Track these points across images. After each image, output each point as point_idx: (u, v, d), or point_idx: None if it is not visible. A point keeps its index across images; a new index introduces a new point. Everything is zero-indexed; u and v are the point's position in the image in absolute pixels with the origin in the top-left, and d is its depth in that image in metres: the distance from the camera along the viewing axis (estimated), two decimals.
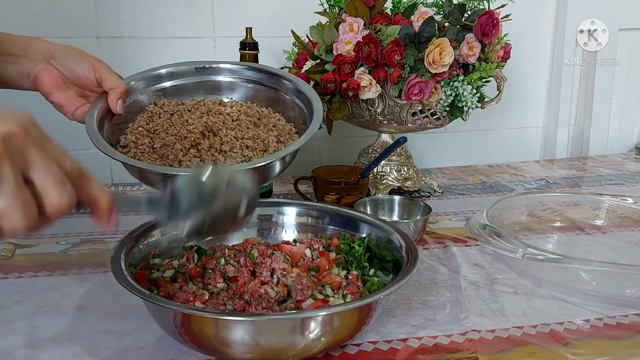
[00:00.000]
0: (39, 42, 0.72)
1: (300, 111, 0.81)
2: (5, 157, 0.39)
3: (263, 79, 0.85)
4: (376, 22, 0.99)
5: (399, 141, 0.99)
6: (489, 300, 0.73)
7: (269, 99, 0.83)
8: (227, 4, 1.25)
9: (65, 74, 0.72)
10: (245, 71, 0.85)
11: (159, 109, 0.79)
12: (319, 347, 0.57)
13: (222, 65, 0.85)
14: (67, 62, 0.72)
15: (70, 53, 0.72)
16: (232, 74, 0.85)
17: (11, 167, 0.39)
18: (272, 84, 0.84)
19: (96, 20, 1.18)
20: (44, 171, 0.41)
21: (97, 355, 0.60)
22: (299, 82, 0.83)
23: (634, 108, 1.65)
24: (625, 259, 0.87)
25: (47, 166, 0.42)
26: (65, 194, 0.43)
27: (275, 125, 0.78)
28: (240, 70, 0.85)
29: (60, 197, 0.42)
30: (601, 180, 1.30)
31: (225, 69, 0.85)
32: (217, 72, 0.85)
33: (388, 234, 0.72)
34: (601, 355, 0.62)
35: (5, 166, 0.39)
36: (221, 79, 0.85)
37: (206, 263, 0.70)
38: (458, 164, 1.45)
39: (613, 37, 1.51)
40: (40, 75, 0.71)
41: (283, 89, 0.83)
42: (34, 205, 0.42)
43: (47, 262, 0.82)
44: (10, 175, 0.39)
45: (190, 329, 0.56)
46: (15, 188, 0.40)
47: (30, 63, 0.72)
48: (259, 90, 0.84)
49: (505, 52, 1.02)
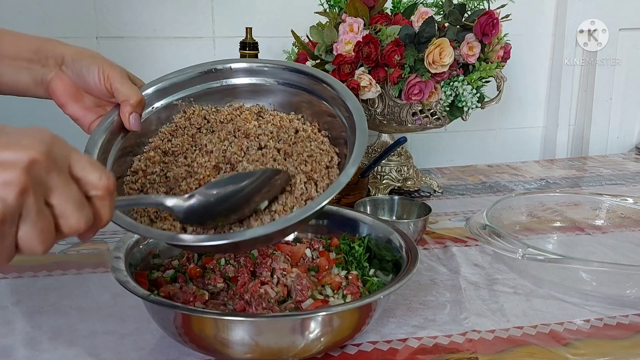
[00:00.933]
0: (52, 44, 0.64)
1: (342, 124, 0.66)
2: (30, 187, 0.39)
3: (304, 83, 0.69)
4: (376, 22, 0.99)
5: (399, 141, 0.99)
6: (489, 301, 0.73)
7: (313, 109, 0.68)
8: (227, 4, 1.25)
9: (76, 81, 0.64)
10: (286, 73, 0.70)
11: (185, 120, 0.67)
12: (319, 347, 0.57)
13: (262, 65, 0.70)
14: (76, 68, 0.63)
15: (80, 57, 0.63)
16: (272, 76, 0.70)
17: (34, 196, 0.39)
18: (315, 90, 0.68)
19: (96, 20, 1.18)
20: (64, 196, 0.41)
21: (97, 356, 0.60)
22: (347, 94, 0.66)
23: (634, 108, 1.65)
24: (625, 259, 0.87)
25: (67, 190, 0.42)
26: (82, 217, 0.43)
27: (312, 155, 0.62)
28: (281, 72, 0.70)
29: (78, 221, 0.43)
30: (601, 180, 1.30)
31: (266, 70, 0.70)
32: (258, 73, 0.70)
33: (388, 234, 0.72)
34: (601, 356, 0.62)
35: (30, 196, 0.39)
36: (258, 81, 0.70)
37: (206, 263, 0.70)
38: (458, 164, 1.45)
39: (613, 37, 1.51)
40: (52, 83, 0.63)
41: (326, 96, 0.68)
42: (52, 230, 0.42)
43: (46, 262, 0.82)
44: (33, 204, 0.39)
45: (190, 329, 0.56)
46: (37, 217, 0.40)
47: (43, 69, 0.64)
48: (301, 95, 0.69)
49: (505, 52, 1.02)
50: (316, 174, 0.60)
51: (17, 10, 1.14)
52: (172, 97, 0.68)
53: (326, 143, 0.65)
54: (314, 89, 0.68)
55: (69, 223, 0.42)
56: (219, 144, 0.64)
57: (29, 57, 0.64)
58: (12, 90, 0.66)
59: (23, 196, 0.38)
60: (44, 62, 0.64)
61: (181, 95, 0.68)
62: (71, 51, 0.63)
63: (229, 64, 0.69)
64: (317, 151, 0.63)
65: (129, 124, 0.62)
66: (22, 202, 0.39)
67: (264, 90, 0.70)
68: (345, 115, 0.65)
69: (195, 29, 1.24)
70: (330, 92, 0.67)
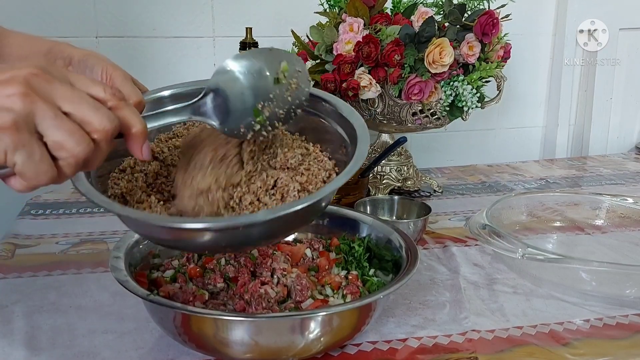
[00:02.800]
0: (61, 47, 0.66)
1: (341, 138, 0.62)
2: (34, 95, 0.40)
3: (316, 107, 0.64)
4: (376, 22, 0.99)
5: (399, 141, 0.99)
6: (489, 300, 0.73)
7: (313, 127, 0.65)
8: (227, 3, 1.25)
9: None
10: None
11: (184, 130, 0.65)
12: (319, 347, 0.57)
13: None
14: (81, 67, 0.64)
15: (86, 58, 0.64)
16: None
17: (44, 101, 0.40)
18: (312, 108, 0.64)
19: (96, 19, 1.18)
20: (75, 100, 0.42)
21: (96, 355, 0.60)
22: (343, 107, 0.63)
23: (634, 108, 1.65)
24: (625, 259, 0.87)
25: (76, 95, 0.42)
26: (104, 117, 0.43)
27: (309, 169, 0.59)
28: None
29: (100, 122, 0.42)
30: (601, 180, 1.30)
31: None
32: None
33: (388, 234, 0.72)
34: (601, 355, 0.62)
35: (38, 102, 0.40)
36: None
37: (206, 263, 0.70)
38: (458, 164, 1.45)
39: (613, 37, 1.51)
40: None
41: (323, 112, 0.65)
42: (83, 132, 0.42)
43: (46, 262, 0.82)
44: (47, 109, 0.40)
45: (189, 329, 0.56)
46: (57, 120, 0.41)
47: None
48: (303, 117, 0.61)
49: (505, 52, 1.02)
50: (311, 186, 0.57)
51: (17, 9, 1.14)
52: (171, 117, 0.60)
53: (327, 162, 0.61)
54: (315, 107, 0.65)
55: (93, 126, 0.42)
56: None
57: (39, 58, 0.65)
58: None
59: (28, 103, 0.39)
60: (52, 63, 0.65)
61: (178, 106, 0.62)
62: (79, 53, 0.65)
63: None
64: (315, 166, 0.60)
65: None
66: (31, 108, 0.40)
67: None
68: (347, 132, 0.62)
69: (195, 28, 1.24)
70: (328, 107, 0.64)
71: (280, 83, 0.55)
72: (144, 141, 0.46)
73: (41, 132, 0.41)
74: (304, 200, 0.52)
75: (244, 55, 0.54)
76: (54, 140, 0.41)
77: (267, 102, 0.54)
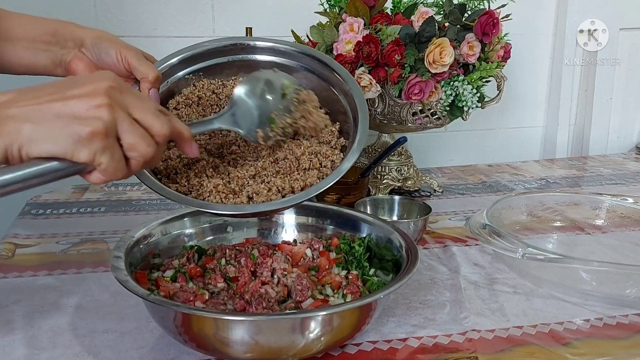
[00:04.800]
0: (69, 27, 0.70)
1: (346, 117, 0.72)
2: (116, 105, 0.48)
3: (316, 67, 0.74)
4: (376, 22, 0.99)
5: (399, 141, 0.99)
6: (489, 300, 0.73)
7: (324, 95, 0.73)
8: (227, 3, 1.25)
9: (96, 62, 0.70)
10: (299, 55, 0.75)
11: (194, 94, 0.73)
12: (319, 347, 0.57)
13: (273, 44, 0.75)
14: (96, 52, 0.69)
15: (99, 41, 0.69)
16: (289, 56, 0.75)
17: (122, 110, 0.48)
18: (325, 77, 0.74)
19: (96, 19, 1.18)
20: (142, 109, 0.50)
21: (97, 354, 0.60)
22: (354, 85, 0.72)
23: (634, 108, 1.65)
24: (625, 259, 0.87)
25: (142, 104, 0.51)
26: (164, 122, 0.52)
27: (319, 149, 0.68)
28: (294, 54, 0.75)
29: (162, 126, 0.51)
30: (601, 180, 1.30)
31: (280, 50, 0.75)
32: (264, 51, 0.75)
33: (388, 234, 0.72)
34: (601, 355, 0.62)
35: (119, 111, 0.48)
36: (273, 59, 0.75)
37: (207, 263, 0.70)
38: (458, 164, 1.45)
39: (613, 37, 1.51)
40: (72, 64, 0.70)
41: (334, 85, 0.73)
42: (149, 137, 0.50)
43: (47, 261, 0.82)
44: (124, 118, 0.49)
45: (190, 328, 0.56)
46: (132, 125, 0.49)
47: (62, 50, 0.70)
48: (313, 81, 0.74)
49: (506, 51, 1.02)
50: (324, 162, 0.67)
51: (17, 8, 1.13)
52: (183, 72, 0.74)
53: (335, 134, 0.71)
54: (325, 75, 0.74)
55: (157, 129, 0.51)
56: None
57: (47, 40, 0.69)
58: (30, 71, 0.72)
59: (113, 112, 0.48)
60: (62, 44, 0.70)
61: (192, 69, 0.75)
62: (90, 34, 0.70)
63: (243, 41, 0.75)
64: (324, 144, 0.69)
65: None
66: (114, 117, 0.48)
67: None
68: (347, 101, 0.71)
69: (195, 28, 1.24)
70: (338, 80, 0.72)
71: (286, 98, 0.67)
72: (192, 142, 0.57)
73: (119, 136, 0.49)
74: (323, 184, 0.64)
75: (254, 76, 0.67)
76: (129, 142, 0.49)
77: (279, 112, 0.66)
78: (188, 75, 0.74)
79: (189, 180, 0.65)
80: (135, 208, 1.06)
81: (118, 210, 1.05)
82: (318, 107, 0.71)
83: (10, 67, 0.71)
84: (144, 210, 1.05)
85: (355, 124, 0.70)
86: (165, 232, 0.73)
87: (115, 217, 1.01)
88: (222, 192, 0.63)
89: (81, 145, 0.46)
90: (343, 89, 0.72)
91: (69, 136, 0.46)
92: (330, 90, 0.73)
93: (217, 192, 0.63)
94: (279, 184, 0.64)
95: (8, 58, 0.70)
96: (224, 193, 0.63)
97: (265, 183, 0.65)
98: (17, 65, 0.71)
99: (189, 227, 0.76)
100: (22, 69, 0.71)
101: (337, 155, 0.68)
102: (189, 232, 0.76)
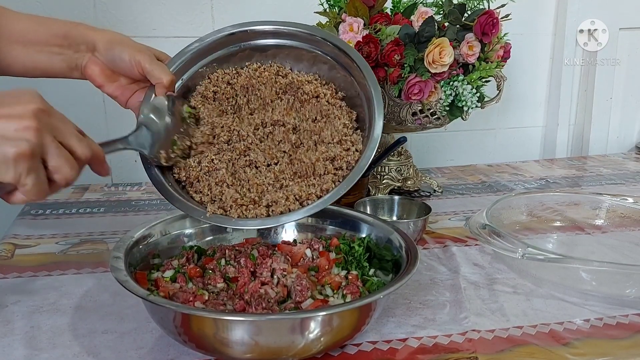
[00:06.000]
0: (79, 29, 0.70)
1: (361, 101, 0.73)
2: (43, 129, 0.49)
3: (337, 55, 0.75)
4: (376, 22, 0.99)
5: (399, 141, 0.98)
6: (489, 300, 0.73)
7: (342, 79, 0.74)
8: (226, 3, 1.25)
9: (110, 66, 0.71)
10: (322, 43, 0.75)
11: (209, 89, 0.75)
12: (319, 347, 0.57)
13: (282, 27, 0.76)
14: (109, 56, 0.69)
15: (111, 45, 0.69)
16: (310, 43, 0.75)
17: (49, 135, 0.50)
18: (346, 65, 0.74)
19: (95, 19, 1.18)
20: (67, 134, 0.52)
21: (97, 355, 0.60)
22: (370, 77, 0.72)
23: (634, 108, 1.65)
24: (625, 258, 0.87)
25: (67, 129, 0.53)
26: (85, 147, 0.54)
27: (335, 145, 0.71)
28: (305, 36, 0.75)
29: (83, 150, 0.54)
30: (601, 180, 1.30)
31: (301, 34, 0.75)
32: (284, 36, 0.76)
33: (388, 234, 0.72)
34: (601, 355, 0.62)
35: (46, 135, 0.50)
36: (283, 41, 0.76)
37: (206, 263, 0.70)
38: (458, 164, 1.45)
39: (613, 36, 1.51)
40: (88, 68, 0.70)
41: (355, 74, 0.74)
42: (73, 160, 0.53)
43: (46, 262, 0.82)
44: (51, 141, 0.50)
45: (189, 329, 0.56)
46: (58, 149, 0.51)
47: (76, 54, 0.71)
48: (336, 68, 0.75)
49: (505, 51, 1.02)
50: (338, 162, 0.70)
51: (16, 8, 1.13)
52: (197, 66, 0.76)
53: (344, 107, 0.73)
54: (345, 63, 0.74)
55: (79, 153, 0.53)
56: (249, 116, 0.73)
57: (59, 43, 0.70)
58: (46, 74, 0.72)
59: (40, 136, 0.49)
60: (75, 48, 0.70)
61: (205, 61, 0.76)
62: (101, 38, 0.70)
63: (245, 27, 0.76)
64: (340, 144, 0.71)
65: None
66: (41, 140, 0.49)
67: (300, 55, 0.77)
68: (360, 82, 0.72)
69: (195, 28, 1.24)
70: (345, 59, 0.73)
71: (185, 121, 0.71)
72: (105, 163, 0.59)
73: (45, 158, 0.50)
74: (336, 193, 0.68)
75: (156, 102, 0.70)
76: (55, 165, 0.51)
77: (180, 135, 0.70)
78: (202, 69, 0.75)
79: (210, 189, 0.68)
80: (135, 208, 1.06)
81: (118, 210, 1.05)
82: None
83: (25, 71, 0.71)
84: (143, 210, 1.05)
85: (369, 107, 0.71)
86: (165, 232, 0.73)
87: (115, 217, 1.01)
88: (242, 205, 0.67)
89: (6, 165, 0.48)
90: (355, 70, 0.73)
91: None
92: (344, 73, 0.74)
93: (237, 205, 0.67)
94: (296, 191, 0.66)
95: (23, 62, 0.70)
96: (244, 205, 0.67)
97: (284, 190, 0.66)
98: (33, 69, 0.71)
99: (189, 228, 0.76)
100: (38, 73, 0.72)
101: (352, 155, 0.69)
102: (188, 233, 0.76)
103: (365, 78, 0.72)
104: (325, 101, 0.74)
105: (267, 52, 0.77)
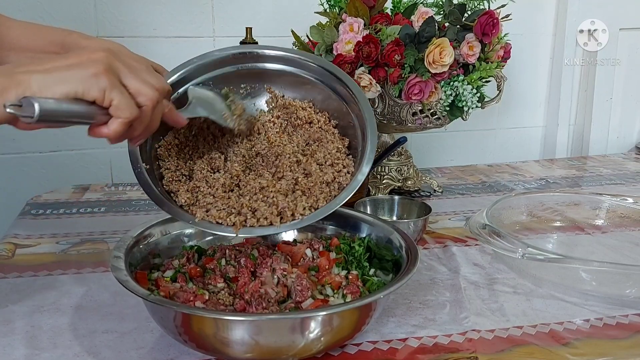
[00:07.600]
0: (75, 38, 0.69)
1: (355, 131, 0.73)
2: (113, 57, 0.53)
3: (327, 79, 0.75)
4: (376, 22, 0.99)
5: (399, 141, 0.99)
6: (489, 300, 0.73)
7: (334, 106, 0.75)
8: (226, 3, 1.25)
9: None
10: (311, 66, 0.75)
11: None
12: (319, 347, 0.57)
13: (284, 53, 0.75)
14: None
15: None
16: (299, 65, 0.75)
17: (120, 62, 0.54)
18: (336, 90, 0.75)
19: (96, 19, 1.18)
20: (137, 68, 0.55)
21: (97, 354, 0.60)
22: (362, 99, 0.72)
23: (634, 108, 1.65)
24: (625, 259, 0.87)
25: (139, 65, 0.56)
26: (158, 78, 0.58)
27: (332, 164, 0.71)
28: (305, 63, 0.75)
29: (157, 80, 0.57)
30: (601, 180, 1.30)
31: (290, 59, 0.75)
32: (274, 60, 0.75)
33: (388, 234, 0.72)
34: (601, 355, 0.62)
35: (117, 62, 0.53)
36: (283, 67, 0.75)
37: (206, 263, 0.70)
38: (458, 164, 1.45)
39: (613, 37, 1.51)
40: None
41: (344, 98, 0.74)
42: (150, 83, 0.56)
43: (47, 261, 0.82)
44: (122, 65, 0.54)
45: (190, 328, 0.56)
46: (132, 73, 0.54)
47: None
48: (326, 93, 0.75)
49: (505, 52, 1.02)
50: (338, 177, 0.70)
51: (16, 8, 1.14)
52: (193, 82, 0.75)
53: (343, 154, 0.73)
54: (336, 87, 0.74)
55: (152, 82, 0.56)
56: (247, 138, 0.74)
57: (56, 51, 0.69)
58: None
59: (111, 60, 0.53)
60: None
61: (202, 79, 0.75)
62: (96, 47, 0.67)
63: (247, 50, 0.77)
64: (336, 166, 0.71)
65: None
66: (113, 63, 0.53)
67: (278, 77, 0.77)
68: (356, 114, 0.72)
69: (195, 28, 1.24)
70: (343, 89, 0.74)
71: (227, 97, 0.73)
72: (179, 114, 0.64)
73: (123, 82, 0.53)
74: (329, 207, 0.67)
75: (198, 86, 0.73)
76: (133, 86, 0.54)
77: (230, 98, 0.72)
78: (197, 86, 0.74)
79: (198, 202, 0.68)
80: (135, 208, 1.06)
81: (118, 210, 1.05)
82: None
83: None
84: (144, 210, 1.05)
85: (363, 138, 0.71)
86: (165, 232, 0.73)
87: (115, 217, 1.01)
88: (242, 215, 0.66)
89: (89, 83, 0.51)
90: (352, 102, 0.73)
91: (76, 77, 0.50)
92: (340, 103, 0.75)
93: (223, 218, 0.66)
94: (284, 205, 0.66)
95: None
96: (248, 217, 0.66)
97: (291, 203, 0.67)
98: None
99: (189, 227, 0.76)
100: None
101: (344, 176, 0.70)
102: (188, 232, 0.76)
103: (361, 110, 0.72)
104: (317, 127, 0.75)
105: (266, 76, 0.77)
